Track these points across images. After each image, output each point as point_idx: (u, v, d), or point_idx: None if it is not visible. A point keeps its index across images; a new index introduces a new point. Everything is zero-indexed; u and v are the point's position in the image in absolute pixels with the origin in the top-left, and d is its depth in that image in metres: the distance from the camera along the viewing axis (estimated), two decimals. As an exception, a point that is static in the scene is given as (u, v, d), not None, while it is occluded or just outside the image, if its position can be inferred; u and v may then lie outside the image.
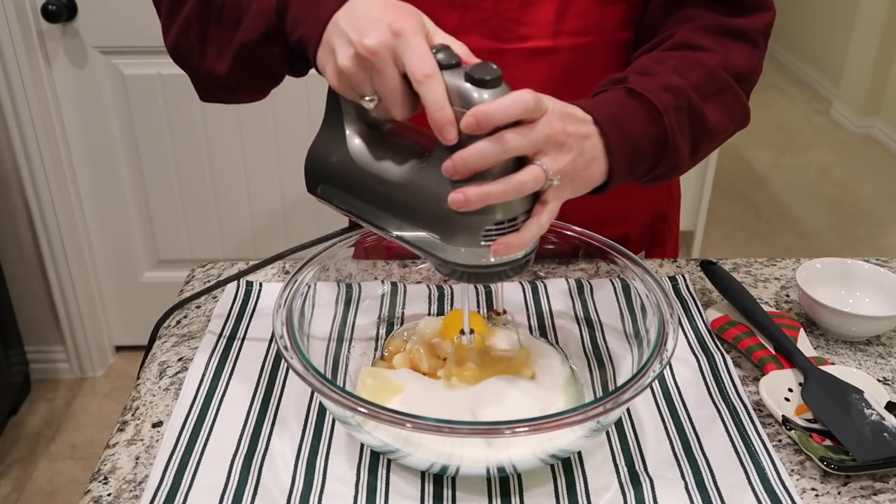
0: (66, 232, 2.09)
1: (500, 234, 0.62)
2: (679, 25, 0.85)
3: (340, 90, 0.67)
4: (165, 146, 2.06)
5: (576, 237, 0.82)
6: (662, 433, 0.73)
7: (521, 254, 0.65)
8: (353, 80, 0.65)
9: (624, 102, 0.73)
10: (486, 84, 0.60)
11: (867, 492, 0.68)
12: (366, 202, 0.69)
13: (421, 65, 0.60)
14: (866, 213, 3.20)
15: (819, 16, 4.17)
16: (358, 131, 0.70)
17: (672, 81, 0.76)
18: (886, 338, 0.87)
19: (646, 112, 0.73)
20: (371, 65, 0.63)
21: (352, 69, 0.64)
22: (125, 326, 2.33)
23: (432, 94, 0.60)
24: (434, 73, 0.60)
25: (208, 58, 0.80)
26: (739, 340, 0.84)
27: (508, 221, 0.63)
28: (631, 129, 0.72)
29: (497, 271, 0.64)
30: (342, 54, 0.64)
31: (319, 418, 0.75)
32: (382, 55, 0.62)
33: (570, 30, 0.88)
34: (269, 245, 2.18)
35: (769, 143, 3.77)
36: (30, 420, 2.14)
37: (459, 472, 0.67)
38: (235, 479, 0.68)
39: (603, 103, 0.72)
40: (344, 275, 0.84)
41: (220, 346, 0.84)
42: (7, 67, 1.88)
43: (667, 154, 0.75)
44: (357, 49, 0.63)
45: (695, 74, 0.78)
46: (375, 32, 0.62)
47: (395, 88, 0.63)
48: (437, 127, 0.61)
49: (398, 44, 0.61)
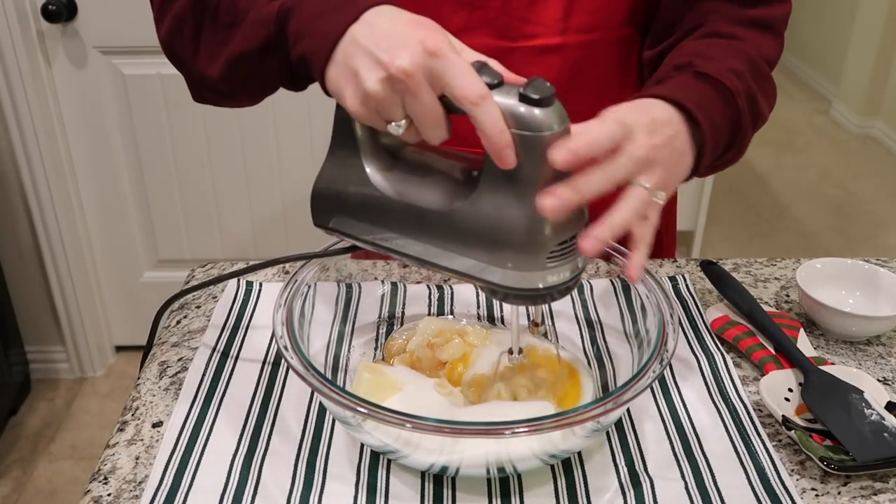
0: (66, 232, 2.09)
1: (562, 254, 0.60)
2: (703, 17, 0.84)
3: (363, 116, 0.61)
4: (165, 146, 2.06)
5: (576, 237, 0.82)
6: (662, 433, 0.73)
7: (579, 270, 0.62)
8: (382, 105, 0.59)
9: (699, 86, 0.72)
10: (541, 103, 0.57)
11: (867, 492, 0.68)
12: (395, 232, 0.64)
13: (472, 87, 0.56)
14: (866, 213, 3.20)
15: (819, 16, 4.17)
16: (377, 157, 0.65)
17: (734, 65, 0.75)
18: (886, 338, 0.87)
19: (720, 94, 0.73)
20: (406, 88, 0.58)
21: (381, 94, 0.58)
22: (125, 326, 2.33)
23: (489, 118, 0.56)
24: (487, 95, 0.56)
25: (201, 59, 0.76)
26: (739, 340, 0.84)
27: (570, 240, 0.60)
28: (713, 113, 0.70)
29: (551, 292, 0.62)
30: (369, 77, 0.58)
31: (319, 418, 0.75)
32: (419, 77, 0.57)
33: (577, 26, 0.88)
34: (270, 245, 2.18)
35: (769, 143, 3.77)
36: (30, 420, 2.14)
37: (459, 473, 0.67)
38: (235, 479, 0.68)
39: (682, 89, 0.70)
40: (344, 275, 0.84)
41: (220, 346, 0.84)
42: (7, 67, 1.88)
43: (738, 136, 0.75)
44: (390, 71, 0.57)
45: (742, 60, 0.78)
46: (408, 52, 0.57)
47: (432, 112, 0.59)
48: (496, 151, 0.57)
49: (436, 64, 0.57)
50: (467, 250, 0.62)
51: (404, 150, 0.66)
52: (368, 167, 0.65)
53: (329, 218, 0.69)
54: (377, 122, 0.61)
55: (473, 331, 0.80)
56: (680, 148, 0.68)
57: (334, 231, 0.69)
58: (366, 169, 0.65)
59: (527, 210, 0.59)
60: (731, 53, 0.78)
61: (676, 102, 0.68)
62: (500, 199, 0.59)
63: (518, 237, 0.59)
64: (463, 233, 0.61)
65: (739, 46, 0.80)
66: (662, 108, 0.68)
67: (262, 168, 2.09)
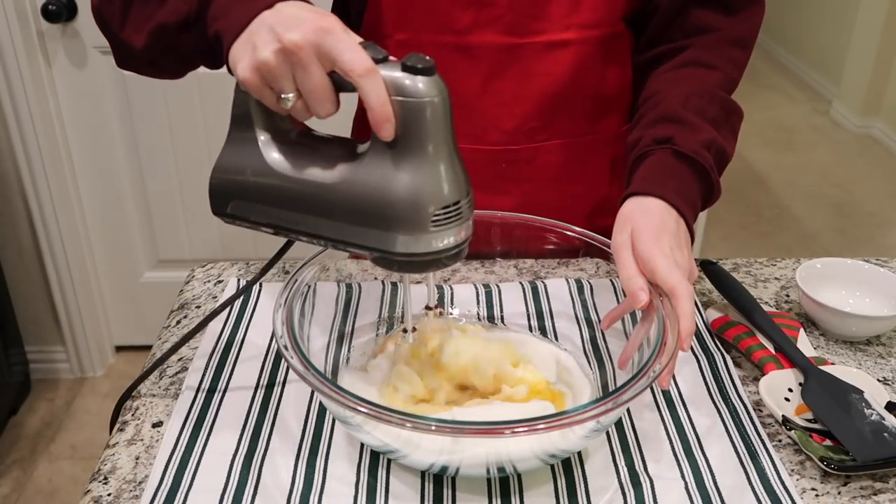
0: (66, 232, 2.09)
1: (446, 219, 0.63)
2: (689, 37, 0.94)
3: (252, 87, 0.64)
4: (165, 146, 2.06)
5: (576, 237, 0.82)
6: (662, 433, 0.73)
7: (464, 238, 0.66)
8: (273, 76, 0.63)
9: (678, 169, 0.83)
10: (423, 72, 0.61)
11: (867, 492, 0.68)
12: (291, 210, 0.68)
13: (359, 60, 0.60)
14: (866, 213, 3.20)
15: (819, 16, 4.17)
16: (272, 140, 0.68)
17: (708, 136, 0.85)
18: (886, 338, 0.87)
19: (696, 174, 0.84)
20: (297, 60, 0.61)
21: (273, 63, 0.62)
22: (125, 326, 2.33)
23: (374, 90, 0.60)
24: (373, 68, 0.60)
25: (127, 28, 0.80)
26: (739, 340, 0.84)
27: (454, 205, 0.64)
28: (693, 195, 0.82)
29: (440, 257, 0.65)
30: (264, 48, 0.62)
31: (319, 418, 0.75)
32: (308, 50, 0.61)
33: (581, 22, 0.92)
34: (270, 245, 2.17)
35: (769, 143, 3.77)
36: (30, 420, 2.14)
37: (459, 472, 0.67)
38: (235, 479, 0.68)
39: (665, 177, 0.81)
40: (344, 275, 0.84)
41: (220, 346, 0.84)
42: (7, 67, 1.88)
43: (711, 197, 0.87)
44: (282, 43, 0.61)
45: (714, 109, 0.88)
46: (301, 28, 0.61)
47: (320, 85, 0.62)
48: (378, 123, 0.61)
49: (326, 40, 0.61)
50: (359, 221, 0.65)
51: (297, 134, 0.70)
52: (264, 149, 0.68)
53: (226, 204, 0.71)
54: (266, 95, 0.65)
55: (473, 329, 0.80)
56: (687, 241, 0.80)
57: (232, 217, 0.72)
58: (261, 151, 0.68)
59: (410, 174, 0.62)
60: (703, 106, 0.87)
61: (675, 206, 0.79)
62: (386, 166, 0.63)
63: (402, 201, 0.63)
64: (353, 204, 0.65)
65: (710, 86, 0.90)
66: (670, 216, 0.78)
67: (262, 168, 2.09)
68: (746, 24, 0.94)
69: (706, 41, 0.93)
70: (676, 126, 0.86)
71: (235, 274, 0.99)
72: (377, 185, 0.63)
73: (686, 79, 0.91)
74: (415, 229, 0.63)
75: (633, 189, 0.81)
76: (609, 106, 1.00)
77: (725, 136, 0.88)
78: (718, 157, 0.86)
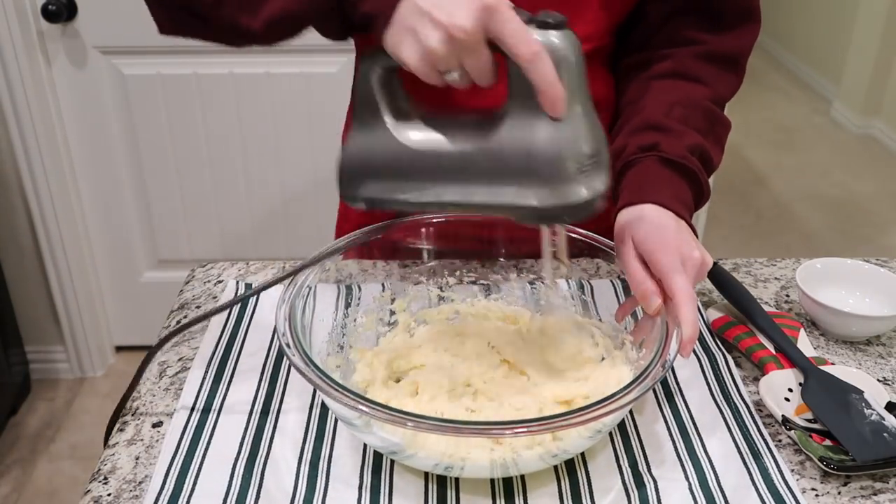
0: (66, 232, 2.09)
1: (593, 166, 0.66)
2: (673, 47, 0.92)
3: (423, 72, 0.64)
4: (165, 146, 2.06)
5: (576, 237, 0.82)
6: (665, 434, 0.73)
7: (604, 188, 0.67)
8: (442, 63, 0.63)
9: (666, 174, 0.82)
10: (553, 27, 0.63)
11: (867, 492, 0.68)
12: (429, 182, 0.69)
13: (524, 44, 0.60)
14: (866, 213, 3.20)
15: (819, 16, 4.17)
16: (401, 119, 0.70)
17: (693, 140, 0.84)
18: (886, 338, 0.88)
19: (685, 178, 0.83)
20: (464, 46, 0.61)
21: (441, 52, 0.61)
22: (125, 326, 2.33)
23: (542, 72, 0.61)
24: (541, 51, 0.61)
25: (235, 11, 0.73)
26: (739, 340, 0.84)
27: (595, 154, 0.66)
28: (685, 197, 0.82)
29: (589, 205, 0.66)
30: (430, 36, 0.61)
31: (321, 420, 0.75)
32: (477, 36, 0.60)
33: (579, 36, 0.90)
34: (270, 245, 2.18)
35: (769, 143, 3.77)
36: (30, 420, 2.14)
37: (463, 473, 0.67)
38: (238, 483, 0.68)
39: (655, 183, 0.81)
40: (344, 275, 0.84)
41: (221, 346, 0.84)
42: (7, 67, 1.88)
43: (702, 198, 0.86)
44: (449, 31, 0.60)
45: (697, 117, 0.87)
46: (465, 11, 0.60)
47: (487, 64, 0.63)
48: (549, 103, 0.62)
49: (492, 23, 0.60)
50: (503, 181, 0.66)
51: (416, 111, 0.71)
52: (395, 128, 0.69)
53: (358, 187, 0.72)
54: (434, 77, 0.65)
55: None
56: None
57: (366, 199, 0.72)
58: (392, 130, 0.69)
59: (555, 127, 0.64)
60: (688, 115, 0.86)
61: (670, 207, 0.78)
62: (529, 122, 0.64)
63: (549, 155, 0.64)
64: (497, 165, 0.66)
65: (695, 97, 0.88)
66: (668, 216, 0.77)
67: (262, 168, 2.09)
68: (735, 42, 0.92)
69: (689, 52, 0.91)
70: (661, 133, 0.85)
71: (235, 275, 0.99)
72: (524, 142, 0.65)
73: (670, 89, 0.90)
74: (564, 181, 0.65)
75: (626, 200, 0.81)
76: (598, 109, 0.99)
77: (710, 144, 0.87)
78: (704, 161, 0.86)
